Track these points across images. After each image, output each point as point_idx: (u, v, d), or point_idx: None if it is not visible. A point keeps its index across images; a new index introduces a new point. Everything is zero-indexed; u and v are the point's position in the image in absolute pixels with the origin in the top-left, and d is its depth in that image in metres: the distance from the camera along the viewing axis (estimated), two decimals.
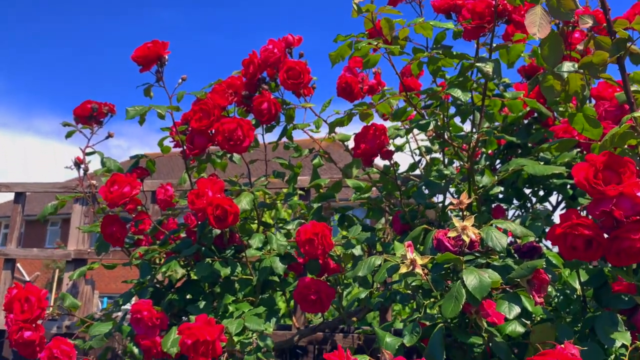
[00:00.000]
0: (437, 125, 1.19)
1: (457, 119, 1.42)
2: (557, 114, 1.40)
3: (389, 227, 1.57)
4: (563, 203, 1.46)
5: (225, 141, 1.32)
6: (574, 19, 0.98)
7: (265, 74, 1.44)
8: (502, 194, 1.45)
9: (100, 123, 1.54)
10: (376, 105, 1.22)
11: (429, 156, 1.60)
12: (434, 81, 1.32)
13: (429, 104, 1.30)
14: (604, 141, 0.95)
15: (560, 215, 0.92)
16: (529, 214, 1.12)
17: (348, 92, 1.41)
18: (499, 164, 1.55)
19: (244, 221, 1.50)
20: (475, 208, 1.29)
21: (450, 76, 1.25)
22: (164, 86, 1.39)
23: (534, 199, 1.49)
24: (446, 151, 1.49)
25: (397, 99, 1.22)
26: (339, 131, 1.41)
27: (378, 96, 1.25)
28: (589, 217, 0.91)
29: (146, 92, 1.38)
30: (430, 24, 1.16)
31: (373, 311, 1.57)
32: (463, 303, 0.84)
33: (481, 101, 1.24)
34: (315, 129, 1.45)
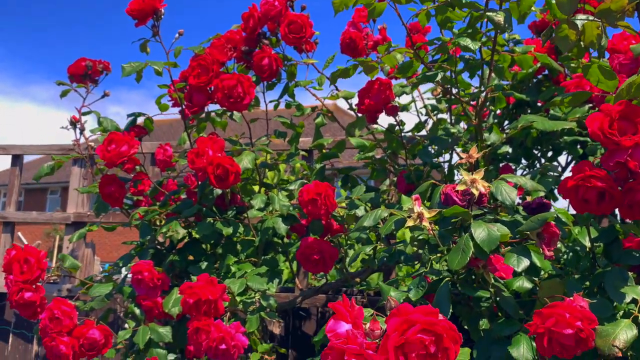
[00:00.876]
0: (444, 78, 1.15)
1: (465, 76, 1.37)
2: (568, 70, 1.35)
3: (394, 188, 1.54)
4: (572, 164, 1.43)
5: (224, 98, 1.28)
6: None
7: (265, 28, 1.38)
8: (510, 153, 1.42)
9: (95, 82, 1.49)
10: (381, 57, 1.17)
11: (435, 116, 1.55)
12: (442, 35, 1.27)
13: (437, 58, 1.26)
14: (620, 90, 0.91)
15: (572, 167, 0.89)
16: (538, 169, 1.08)
17: (352, 47, 1.36)
18: (507, 126, 1.52)
19: (245, 182, 1.47)
20: (483, 167, 1.25)
21: (458, 29, 1.20)
22: (160, 41, 1.34)
23: (542, 159, 1.45)
24: (453, 110, 1.44)
25: (403, 51, 1.17)
26: (342, 89, 1.36)
27: (384, 47, 1.20)
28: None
29: (142, 47, 1.33)
30: None
31: (377, 272, 1.55)
32: (470, 255, 0.81)
33: (490, 56, 1.20)
34: (317, 87, 1.40)
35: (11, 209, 2.14)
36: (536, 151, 1.47)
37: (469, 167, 0.95)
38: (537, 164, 1.45)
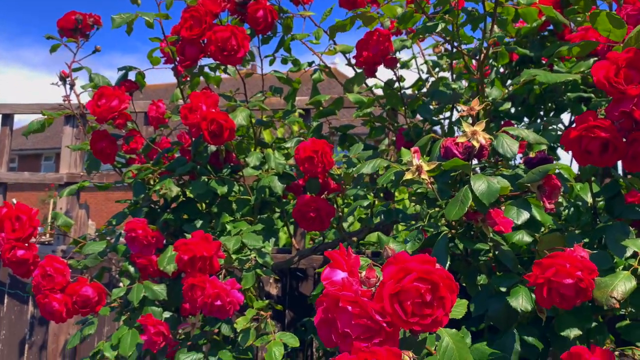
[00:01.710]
0: (446, 30, 1.10)
1: (467, 29, 1.32)
2: (574, 24, 1.31)
3: (393, 148, 1.51)
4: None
5: (218, 51, 1.23)
6: None
7: None
8: (512, 112, 1.38)
9: (86, 36, 1.44)
10: (381, 7, 1.13)
11: (437, 74, 1.51)
12: None
13: (438, 10, 1.21)
14: (628, 38, 0.87)
15: (576, 117, 0.86)
16: (541, 123, 1.05)
17: (351, 0, 1.31)
18: (510, 84, 1.48)
19: (240, 139, 1.44)
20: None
21: None
22: None
23: (545, 118, 1.42)
24: (455, 67, 1.40)
25: (403, 1, 1.12)
26: (340, 43, 1.31)
27: None
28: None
29: None
30: None
31: (374, 232, 1.54)
32: (469, 206, 0.79)
33: (493, 9, 1.15)
34: (315, 40, 1.36)
35: (2, 169, 2.11)
36: (539, 110, 1.44)
37: (470, 121, 0.92)
38: (540, 122, 1.42)
